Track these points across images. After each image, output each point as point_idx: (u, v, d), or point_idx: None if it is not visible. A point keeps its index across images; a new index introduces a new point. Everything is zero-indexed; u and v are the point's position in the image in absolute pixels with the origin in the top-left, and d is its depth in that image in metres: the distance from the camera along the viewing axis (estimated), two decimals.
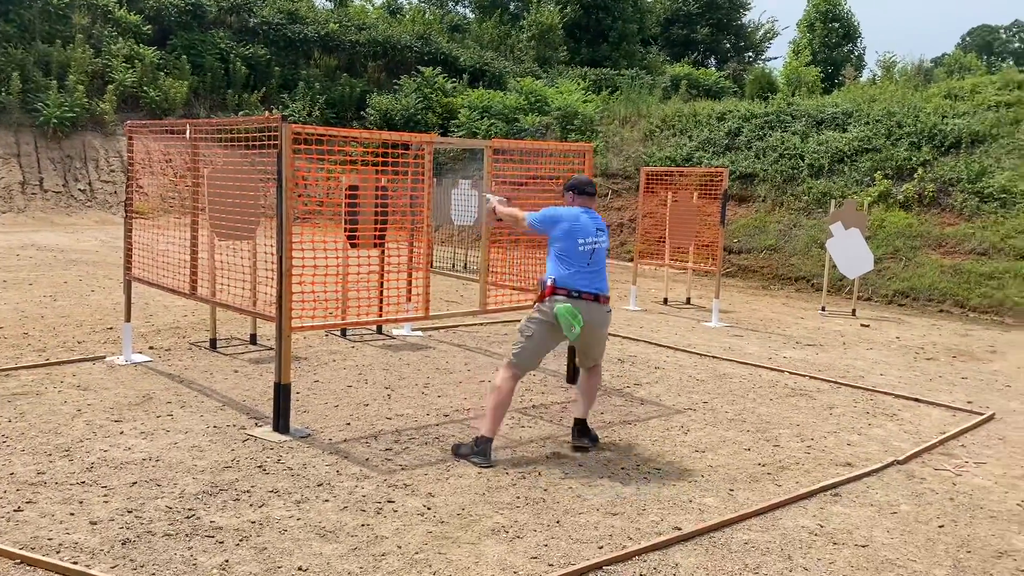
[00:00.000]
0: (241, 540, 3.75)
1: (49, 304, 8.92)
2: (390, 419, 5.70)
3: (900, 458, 5.34)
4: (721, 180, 10.76)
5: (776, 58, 47.75)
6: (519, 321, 5.34)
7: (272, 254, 5.40)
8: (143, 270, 6.98)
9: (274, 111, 22.79)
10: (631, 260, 13.04)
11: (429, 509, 4.21)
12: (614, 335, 9.13)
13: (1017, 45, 63.79)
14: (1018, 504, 4.71)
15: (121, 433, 5.08)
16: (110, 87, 20.62)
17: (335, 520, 4.03)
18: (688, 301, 12.01)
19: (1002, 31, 65.76)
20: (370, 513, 4.13)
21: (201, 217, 6.75)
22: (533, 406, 6.20)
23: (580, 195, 5.32)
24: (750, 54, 39.10)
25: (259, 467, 4.67)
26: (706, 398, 6.71)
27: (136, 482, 4.34)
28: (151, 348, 7.29)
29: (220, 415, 5.57)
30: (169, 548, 3.64)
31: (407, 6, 33.16)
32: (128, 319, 6.95)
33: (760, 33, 39.29)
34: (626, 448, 5.34)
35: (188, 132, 6.47)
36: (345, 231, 7.54)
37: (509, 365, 5.10)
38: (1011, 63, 36.92)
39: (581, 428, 5.34)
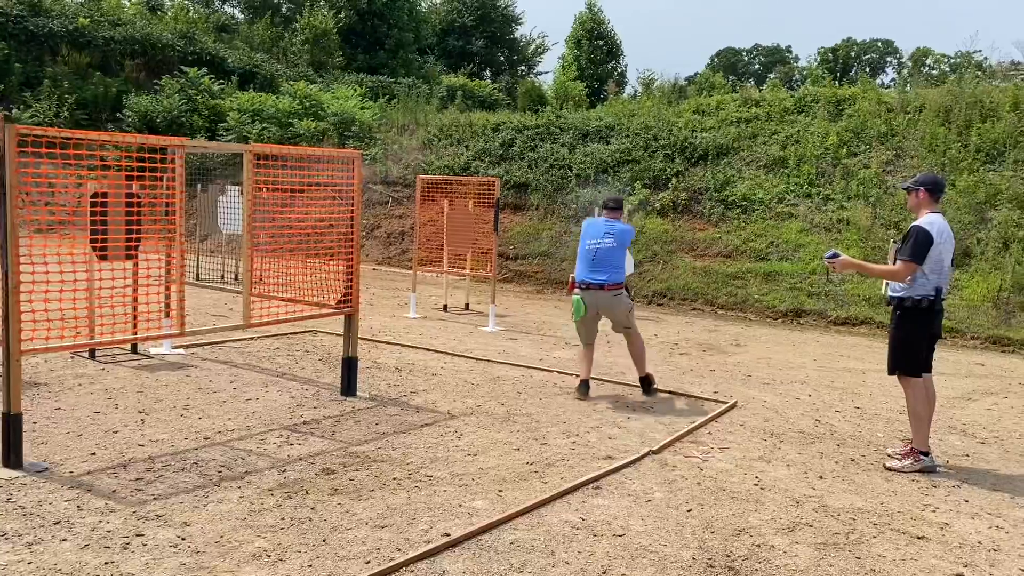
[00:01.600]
0: None
1: None
2: (142, 446, 5.28)
3: (654, 448, 5.71)
4: (494, 189, 11.03)
5: (547, 72, 49.86)
6: (291, 335, 5.15)
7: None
8: None
9: (13, 111, 20.55)
10: (411, 268, 13.04)
11: (184, 540, 3.93)
12: (393, 343, 9.08)
13: (757, 66, 71.12)
14: (755, 484, 5.19)
15: None
16: None
17: (74, 561, 3.65)
18: (467, 307, 12.20)
19: (744, 53, 73.12)
20: (115, 550, 3.79)
21: None
22: (304, 422, 6.00)
23: (606, 209, 7.32)
24: (523, 68, 40.58)
25: None
26: (480, 401, 6.83)
27: None
28: None
29: None
30: None
31: (168, 3, 31.19)
32: None
33: (532, 48, 40.89)
34: (400, 458, 5.30)
35: None
36: (91, 242, 6.91)
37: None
38: (752, 83, 41.03)
39: (644, 384, 7.33)
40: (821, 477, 5.39)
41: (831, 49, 54.32)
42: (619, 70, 34.19)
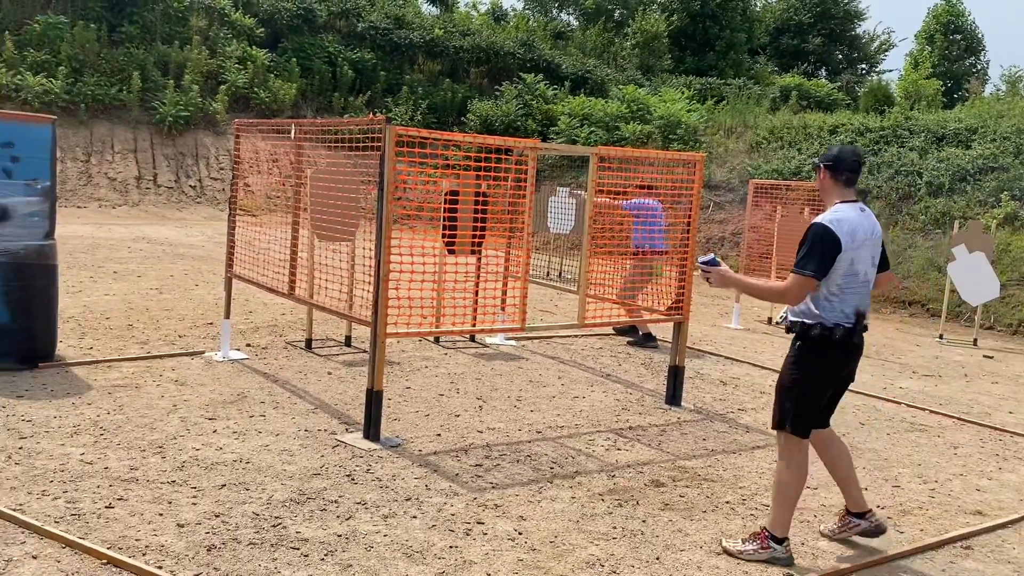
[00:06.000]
0: (326, 555, 3.62)
1: (155, 297, 9.14)
2: (481, 432, 5.52)
3: None
4: None
5: (891, 71, 45.82)
6: (614, 335, 5.10)
7: (369, 257, 5.31)
8: (244, 268, 7.03)
9: (376, 114, 23.09)
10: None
11: (520, 534, 3.99)
12: (716, 355, 8.74)
13: None
14: None
15: (214, 432, 5.06)
16: (223, 87, 21.29)
17: (422, 539, 3.86)
18: (772, 322, 11.44)
19: None
20: (459, 534, 3.94)
21: (302, 217, 6.74)
22: (630, 427, 5.92)
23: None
24: (863, 66, 37.59)
25: (348, 476, 4.55)
26: None
27: (225, 484, 4.28)
28: (248, 345, 7.34)
29: (312, 418, 5.51)
30: (254, 558, 3.54)
31: (511, 13, 33.22)
32: (227, 316, 7.01)
33: (875, 44, 37.74)
34: (731, 479, 5.00)
35: (293, 132, 6.47)
36: (443, 237, 7.43)
37: None
38: None
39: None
40: None
41: None
42: (979, 67, 30.39)
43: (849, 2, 35.73)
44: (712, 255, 4.14)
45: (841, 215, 3.89)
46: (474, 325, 7.84)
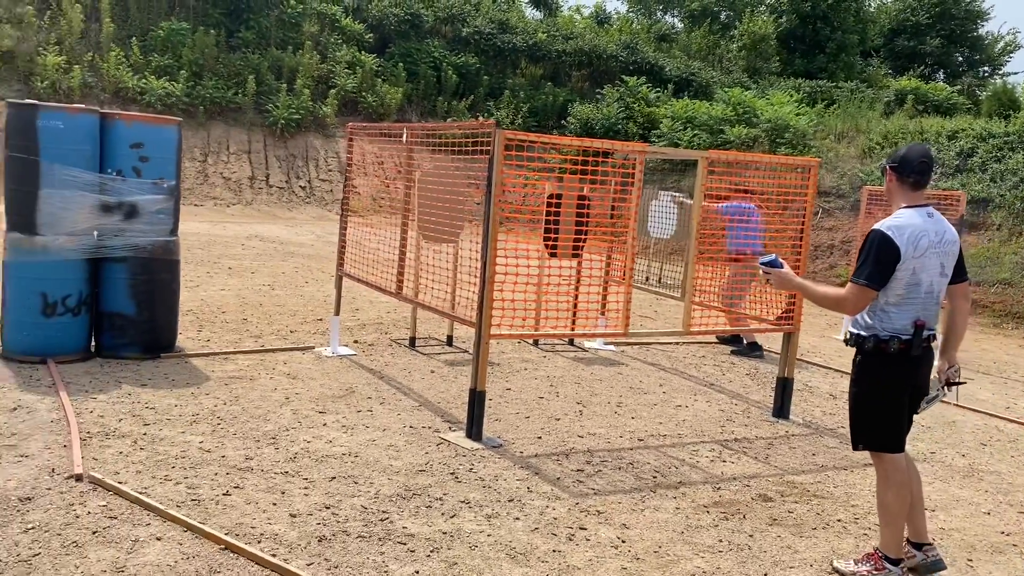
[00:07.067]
0: (432, 551, 3.67)
1: (267, 293, 9.49)
2: (582, 437, 5.49)
3: None
4: (956, 204, 9.73)
5: (1017, 73, 43.28)
6: (716, 343, 5.00)
7: (473, 259, 5.36)
8: (353, 267, 7.22)
9: (479, 118, 23.36)
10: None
11: (624, 542, 3.95)
12: (825, 367, 8.45)
13: None
14: None
15: (324, 425, 5.21)
16: (332, 91, 21.94)
17: (526, 541, 3.86)
18: None
19: None
20: (561, 539, 3.93)
21: (410, 218, 6.87)
22: (735, 439, 5.78)
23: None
24: (986, 69, 35.68)
25: (451, 474, 4.60)
26: (933, 448, 5.99)
27: (335, 477, 4.39)
28: (355, 342, 7.53)
29: (416, 415, 5.60)
30: (362, 551, 3.62)
31: (615, 16, 33.03)
32: (337, 312, 7.21)
33: (999, 46, 35.77)
34: (843, 497, 4.82)
35: (404, 136, 6.60)
36: (544, 240, 7.44)
37: None
38: None
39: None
40: None
41: None
42: None
43: (971, 2, 34.01)
44: (774, 256, 4.02)
45: (903, 221, 3.68)
46: (573, 329, 7.83)
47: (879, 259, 3.63)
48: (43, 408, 5.01)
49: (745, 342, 8.60)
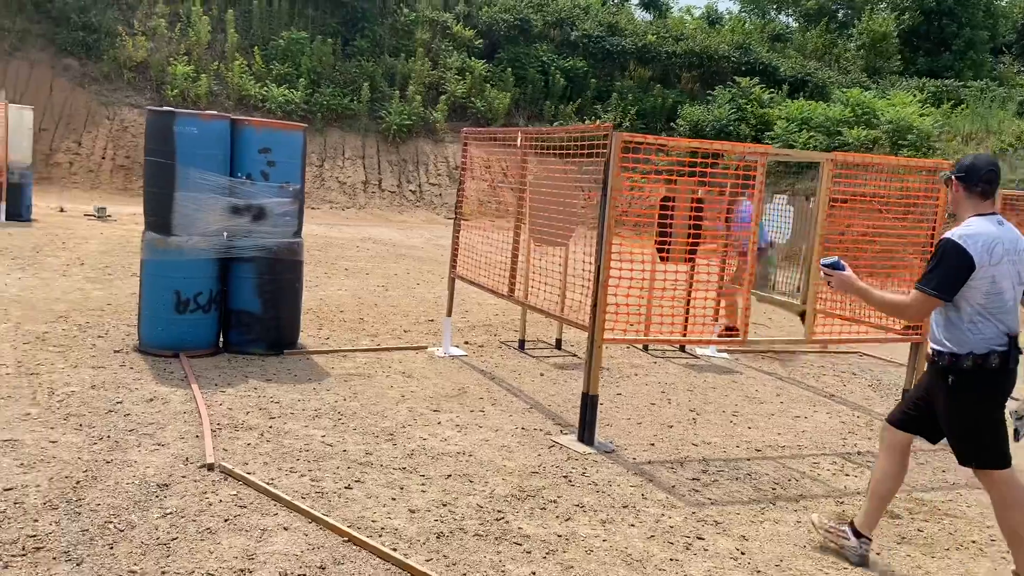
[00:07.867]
0: (548, 553, 3.68)
1: (381, 293, 9.74)
2: (696, 446, 5.39)
3: None
4: None
5: None
6: (835, 353, 4.80)
7: (583, 262, 5.34)
8: (465, 269, 7.32)
9: (586, 122, 23.30)
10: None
11: (743, 554, 3.85)
12: None
13: None
14: None
15: (438, 423, 5.30)
16: (443, 97, 22.37)
17: (642, 548, 3.82)
18: None
19: None
20: (678, 547, 3.87)
21: (523, 222, 6.91)
22: (858, 452, 5.56)
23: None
24: None
25: (564, 477, 4.60)
26: None
27: (450, 475, 4.46)
28: (466, 343, 7.63)
29: (527, 417, 5.63)
30: (480, 549, 3.66)
31: (727, 16, 32.37)
32: (449, 314, 7.33)
33: None
34: (977, 518, 4.56)
35: (519, 140, 6.65)
36: (656, 244, 7.34)
37: None
38: None
39: None
40: None
41: None
42: None
43: None
44: (836, 258, 3.83)
45: (975, 230, 3.52)
46: (685, 335, 7.68)
47: (949, 268, 3.50)
48: (176, 400, 5.28)
49: (724, 327, 8.13)
